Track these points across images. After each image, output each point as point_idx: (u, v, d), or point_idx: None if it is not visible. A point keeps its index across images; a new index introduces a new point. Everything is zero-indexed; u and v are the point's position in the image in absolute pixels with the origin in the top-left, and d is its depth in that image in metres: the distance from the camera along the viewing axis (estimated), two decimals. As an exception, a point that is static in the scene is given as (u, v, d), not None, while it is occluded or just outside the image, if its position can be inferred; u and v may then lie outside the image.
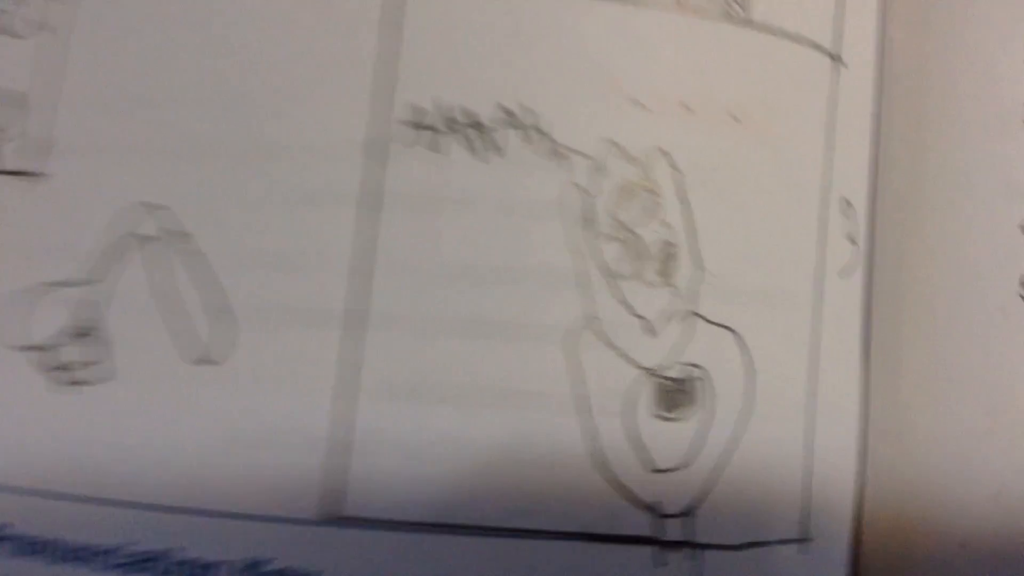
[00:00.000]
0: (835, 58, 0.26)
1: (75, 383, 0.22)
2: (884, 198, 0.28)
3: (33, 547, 0.22)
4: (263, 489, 0.22)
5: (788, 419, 0.25)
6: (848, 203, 0.26)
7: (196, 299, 0.23)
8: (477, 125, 0.23)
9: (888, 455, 0.27)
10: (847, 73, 0.26)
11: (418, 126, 0.23)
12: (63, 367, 0.23)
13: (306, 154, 0.23)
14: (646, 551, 0.23)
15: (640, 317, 0.23)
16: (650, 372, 0.23)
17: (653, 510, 0.23)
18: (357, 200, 0.23)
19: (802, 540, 0.25)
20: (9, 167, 0.23)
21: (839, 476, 0.26)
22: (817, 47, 0.26)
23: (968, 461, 0.27)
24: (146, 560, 0.22)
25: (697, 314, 0.24)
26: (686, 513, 0.23)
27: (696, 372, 0.24)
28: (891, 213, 0.28)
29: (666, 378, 0.23)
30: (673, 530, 0.23)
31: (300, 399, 0.22)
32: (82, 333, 0.23)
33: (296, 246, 0.22)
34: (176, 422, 0.22)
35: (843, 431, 0.26)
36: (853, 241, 0.26)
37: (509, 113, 0.23)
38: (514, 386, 0.23)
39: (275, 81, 0.23)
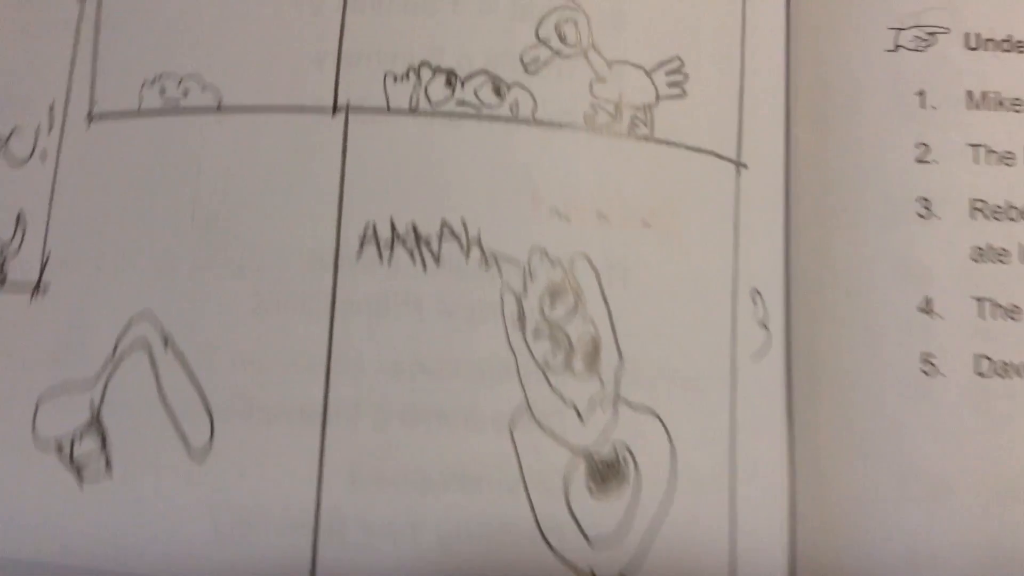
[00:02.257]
0: (736, 163, 0.30)
1: (83, 476, 0.27)
2: (797, 286, 0.32)
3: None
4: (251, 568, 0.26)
5: (710, 491, 0.28)
6: (758, 292, 0.30)
7: (179, 397, 0.27)
8: (419, 238, 0.27)
9: (814, 521, 0.31)
10: (749, 174, 0.30)
11: (369, 240, 0.27)
12: (76, 461, 0.27)
13: (275, 266, 0.27)
14: (586, 612, 0.27)
15: (570, 404, 0.27)
16: (582, 453, 0.27)
17: None
18: (316, 306, 0.27)
19: (731, 600, 0.28)
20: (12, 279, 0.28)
21: (766, 541, 0.29)
22: (718, 155, 0.30)
23: (884, 524, 0.31)
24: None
25: (621, 399, 0.28)
26: (620, 577, 0.27)
27: (623, 451, 0.28)
28: (804, 299, 0.32)
29: (596, 458, 0.27)
30: (609, 592, 0.27)
31: (278, 486, 0.26)
32: (87, 430, 0.27)
33: (267, 348, 0.27)
34: (167, 508, 0.26)
35: (767, 500, 0.30)
36: (764, 326, 0.30)
37: (448, 227, 0.27)
38: (462, 469, 0.27)
39: (251, 204, 0.27)
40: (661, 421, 0.28)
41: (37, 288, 0.28)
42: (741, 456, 0.29)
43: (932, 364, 0.31)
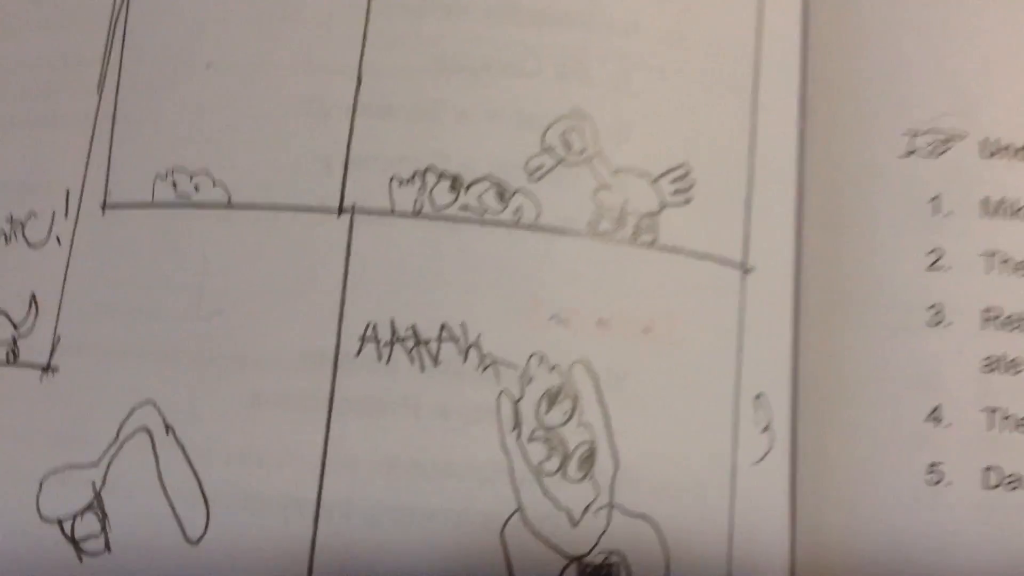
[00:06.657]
0: (742, 266, 0.32)
1: (82, 551, 0.29)
2: (804, 390, 0.34)
3: None
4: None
5: (705, 598, 0.30)
6: (762, 396, 0.32)
7: (178, 484, 0.29)
8: (419, 339, 0.29)
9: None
10: (755, 277, 0.32)
11: (369, 340, 0.29)
12: (76, 539, 0.29)
13: (275, 362, 0.29)
14: None
15: (564, 509, 0.29)
16: (574, 559, 0.29)
17: None
18: (314, 402, 0.29)
19: None
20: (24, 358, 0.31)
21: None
22: (723, 260, 0.32)
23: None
24: None
25: (616, 505, 0.29)
26: None
27: (616, 558, 0.29)
28: (810, 404, 0.34)
29: (588, 564, 0.29)
30: None
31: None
32: (86, 510, 0.29)
33: (264, 441, 0.29)
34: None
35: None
36: (767, 431, 0.32)
37: (447, 329, 0.29)
38: (453, 571, 0.28)
39: (256, 300, 0.30)
40: (656, 527, 0.29)
41: (47, 369, 0.30)
42: (738, 563, 0.30)
43: (939, 474, 0.32)
